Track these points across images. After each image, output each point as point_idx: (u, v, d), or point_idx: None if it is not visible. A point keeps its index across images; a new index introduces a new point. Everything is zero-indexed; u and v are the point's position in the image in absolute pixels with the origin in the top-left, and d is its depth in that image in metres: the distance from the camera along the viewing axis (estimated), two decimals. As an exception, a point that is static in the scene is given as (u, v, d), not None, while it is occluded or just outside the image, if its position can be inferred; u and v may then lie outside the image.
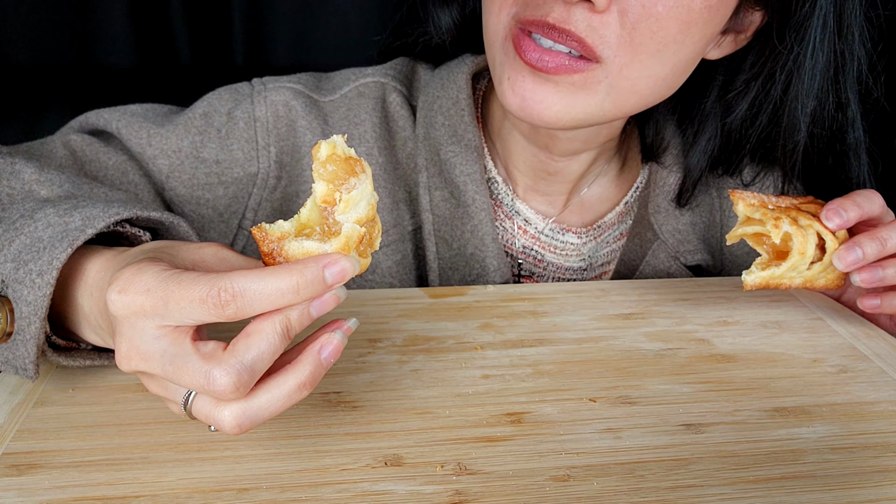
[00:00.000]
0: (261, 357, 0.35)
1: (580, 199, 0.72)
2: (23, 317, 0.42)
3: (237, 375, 0.34)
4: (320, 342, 0.37)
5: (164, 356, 0.35)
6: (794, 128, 0.63)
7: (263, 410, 0.36)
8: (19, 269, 0.43)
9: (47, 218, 0.45)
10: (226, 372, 0.34)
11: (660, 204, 0.70)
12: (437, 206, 0.67)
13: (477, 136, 0.67)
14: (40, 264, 0.42)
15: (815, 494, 0.39)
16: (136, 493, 0.38)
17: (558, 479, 0.39)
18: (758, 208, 0.55)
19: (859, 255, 0.53)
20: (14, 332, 0.43)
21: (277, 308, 0.35)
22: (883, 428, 0.45)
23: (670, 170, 0.70)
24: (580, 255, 0.72)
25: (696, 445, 0.43)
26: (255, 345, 0.35)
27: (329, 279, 0.35)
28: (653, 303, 0.61)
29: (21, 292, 0.42)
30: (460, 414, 0.45)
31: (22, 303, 0.42)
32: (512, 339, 0.54)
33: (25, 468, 0.39)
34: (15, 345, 0.43)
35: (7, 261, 0.44)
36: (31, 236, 0.44)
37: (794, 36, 0.58)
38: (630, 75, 0.54)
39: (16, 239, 0.45)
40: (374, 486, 0.39)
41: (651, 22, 0.52)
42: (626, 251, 0.71)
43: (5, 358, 0.44)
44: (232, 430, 0.36)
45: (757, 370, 0.51)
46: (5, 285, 0.43)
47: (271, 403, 0.36)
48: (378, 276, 0.67)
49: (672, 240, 0.69)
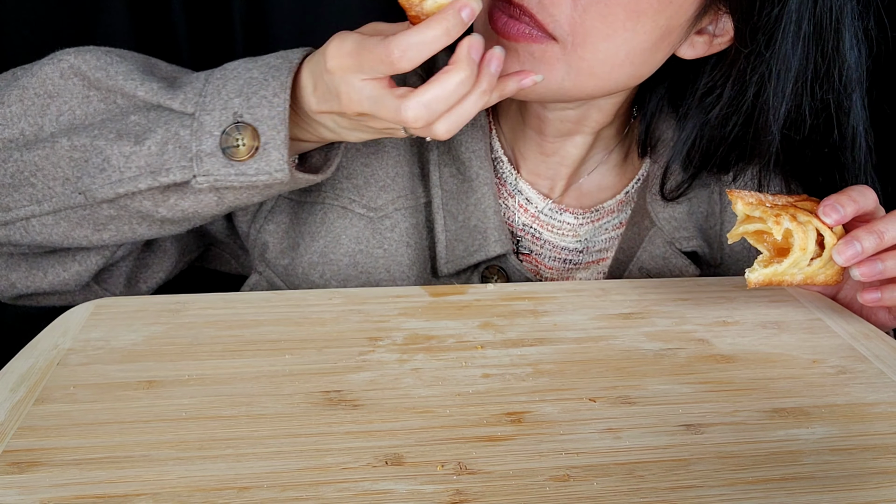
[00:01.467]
0: (439, 95, 0.48)
1: (579, 185, 0.74)
2: (270, 128, 0.53)
3: (423, 108, 0.48)
4: (476, 49, 0.49)
5: (369, 99, 0.49)
6: (765, 131, 0.64)
7: (438, 99, 0.48)
8: (250, 99, 0.53)
9: (242, 65, 0.56)
10: (413, 105, 0.48)
11: (656, 193, 0.71)
12: (446, 181, 0.70)
13: (483, 115, 0.71)
14: (272, 88, 0.53)
15: (814, 495, 0.39)
16: (137, 491, 0.38)
17: (558, 479, 0.39)
18: (756, 206, 0.56)
19: (858, 248, 0.54)
20: (262, 144, 0.53)
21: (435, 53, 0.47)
22: (882, 429, 0.45)
23: (662, 163, 0.71)
24: (576, 236, 0.73)
25: (695, 446, 0.43)
26: (431, 86, 0.48)
27: (465, 18, 0.47)
28: (653, 302, 0.61)
29: (261, 113, 0.53)
30: (461, 413, 0.45)
31: (265, 120, 0.53)
32: (512, 338, 0.54)
33: (26, 466, 0.39)
34: (267, 152, 0.53)
35: (231, 97, 0.54)
36: (242, 77, 0.55)
37: (765, 41, 0.60)
38: (585, 56, 0.57)
39: (226, 84, 0.55)
40: (374, 485, 0.39)
41: (601, 6, 0.55)
42: (625, 239, 0.73)
43: (256, 169, 0.54)
44: (416, 123, 0.49)
45: (756, 370, 0.51)
46: (238, 115, 0.53)
47: (442, 90, 0.48)
48: (397, 235, 0.70)
49: (668, 226, 0.71)
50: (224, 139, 0.53)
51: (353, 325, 0.56)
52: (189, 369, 0.49)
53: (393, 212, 0.70)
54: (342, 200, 0.70)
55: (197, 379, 0.48)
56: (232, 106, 0.54)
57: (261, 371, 0.49)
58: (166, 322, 0.55)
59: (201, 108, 0.54)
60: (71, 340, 0.52)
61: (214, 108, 0.54)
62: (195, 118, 0.54)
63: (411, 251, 0.70)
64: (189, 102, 0.54)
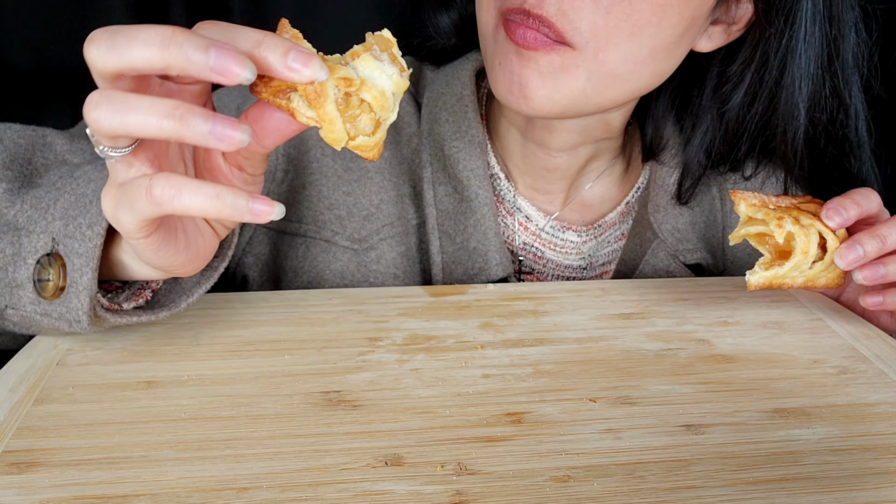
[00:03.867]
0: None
1: (581, 198, 0.72)
2: (75, 269, 0.45)
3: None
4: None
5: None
6: (792, 112, 0.63)
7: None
8: (69, 225, 0.45)
9: (87, 175, 0.48)
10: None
11: (659, 203, 0.70)
12: (441, 200, 0.68)
13: (480, 132, 0.68)
14: (89, 217, 0.45)
15: (815, 496, 0.39)
16: (135, 492, 0.38)
17: (558, 480, 0.39)
18: (759, 208, 0.56)
19: (860, 252, 0.54)
20: (66, 286, 0.45)
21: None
22: (883, 430, 0.45)
23: (669, 168, 0.70)
24: (580, 254, 0.72)
25: (696, 446, 0.43)
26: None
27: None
28: (653, 303, 0.61)
29: (72, 246, 0.45)
30: (461, 413, 0.45)
31: (74, 256, 0.45)
32: (512, 338, 0.54)
33: (25, 466, 0.39)
34: (68, 298, 0.45)
35: (55, 219, 0.46)
36: (75, 193, 0.47)
37: (784, 19, 0.59)
38: (607, 59, 0.55)
39: (60, 198, 0.47)
40: (374, 485, 0.39)
41: (625, 5, 0.53)
42: (627, 251, 0.71)
43: (59, 313, 0.46)
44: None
45: (757, 371, 0.51)
46: (56, 242, 0.45)
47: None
48: (382, 267, 0.68)
49: (671, 238, 0.70)
50: (38, 270, 0.46)
51: (352, 325, 0.55)
52: (188, 370, 0.49)
53: (378, 242, 0.67)
54: (324, 233, 0.67)
55: (196, 379, 0.48)
56: (52, 230, 0.46)
57: (260, 371, 0.49)
58: (165, 322, 0.55)
59: (28, 225, 0.47)
60: (70, 341, 0.52)
61: (35, 228, 0.47)
62: (20, 236, 0.47)
63: (399, 283, 0.68)
64: (22, 214, 0.47)
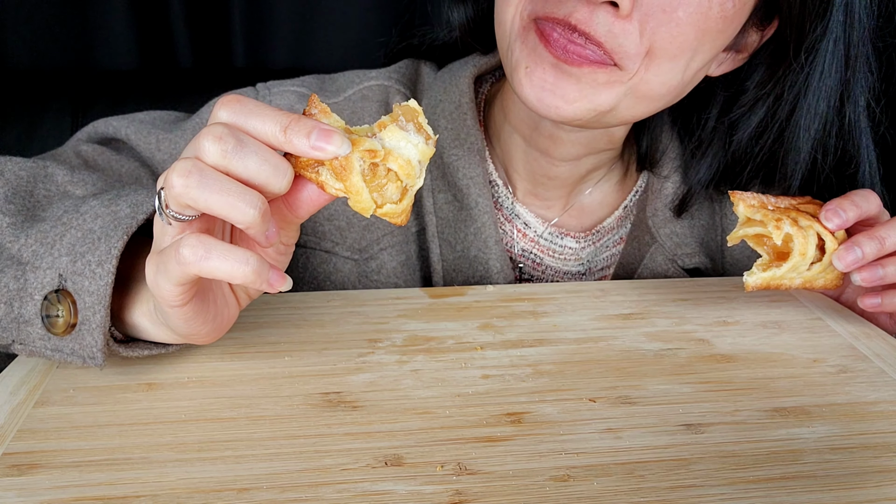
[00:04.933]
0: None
1: (580, 204, 0.72)
2: (87, 307, 0.44)
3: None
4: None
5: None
6: (797, 150, 0.63)
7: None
8: (77, 262, 0.45)
9: (94, 210, 0.48)
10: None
11: (657, 208, 0.70)
12: (441, 208, 0.68)
13: (479, 139, 0.68)
14: (98, 254, 0.45)
15: (815, 494, 0.39)
16: (136, 493, 0.38)
17: (558, 480, 0.39)
18: (758, 209, 0.56)
19: (858, 254, 0.54)
20: (78, 323, 0.45)
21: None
22: (883, 428, 0.45)
23: (668, 178, 0.70)
24: (579, 260, 0.72)
25: (696, 445, 0.43)
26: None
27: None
28: (653, 303, 0.61)
29: (82, 284, 0.44)
30: (460, 414, 0.45)
31: (84, 293, 0.44)
32: (512, 339, 0.54)
33: (26, 468, 0.39)
34: (81, 335, 0.45)
35: (62, 255, 0.46)
36: (82, 228, 0.47)
37: (807, 57, 0.58)
38: (649, 79, 0.55)
39: (66, 233, 0.47)
40: (374, 486, 0.39)
41: (672, 27, 0.52)
42: (625, 255, 0.71)
43: (71, 349, 0.46)
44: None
45: (757, 370, 0.51)
46: (64, 279, 0.45)
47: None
48: (383, 277, 0.67)
49: (669, 243, 0.70)
50: (46, 306, 0.45)
51: (352, 326, 0.55)
52: (188, 371, 0.49)
53: (378, 252, 0.67)
54: (325, 244, 0.67)
55: (196, 381, 0.48)
56: (59, 266, 0.45)
57: (260, 373, 0.49)
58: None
59: (33, 260, 0.46)
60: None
61: (41, 264, 0.46)
62: (26, 272, 0.46)
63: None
64: (27, 249, 0.47)
